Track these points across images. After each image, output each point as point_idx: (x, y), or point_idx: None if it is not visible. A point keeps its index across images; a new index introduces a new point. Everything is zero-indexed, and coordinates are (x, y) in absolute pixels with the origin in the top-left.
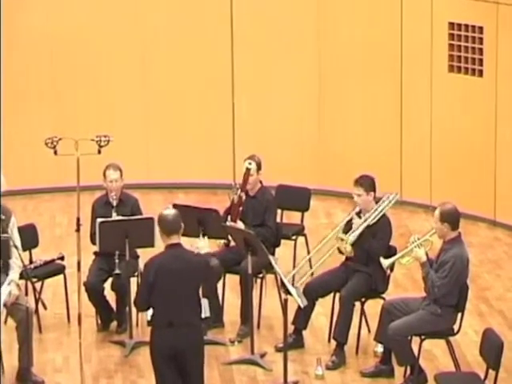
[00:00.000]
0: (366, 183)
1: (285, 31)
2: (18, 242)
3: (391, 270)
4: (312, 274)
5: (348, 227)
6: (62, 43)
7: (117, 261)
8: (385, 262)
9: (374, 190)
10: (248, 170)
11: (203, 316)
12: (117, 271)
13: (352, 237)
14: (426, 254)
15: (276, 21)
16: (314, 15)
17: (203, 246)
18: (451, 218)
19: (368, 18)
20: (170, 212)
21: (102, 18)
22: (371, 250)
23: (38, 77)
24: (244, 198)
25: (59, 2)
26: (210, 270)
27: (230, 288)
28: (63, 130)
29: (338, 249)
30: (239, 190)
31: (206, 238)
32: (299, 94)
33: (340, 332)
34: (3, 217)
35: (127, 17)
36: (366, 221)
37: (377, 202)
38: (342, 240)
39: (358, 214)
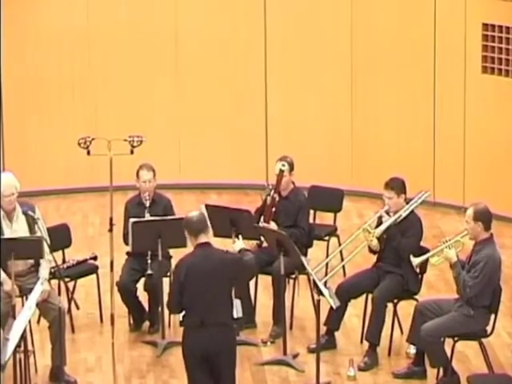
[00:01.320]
0: (397, 186)
1: (318, 30)
2: (46, 235)
3: (423, 271)
4: (344, 271)
5: (378, 224)
6: (96, 43)
7: (149, 261)
8: (414, 260)
9: (405, 192)
10: (281, 171)
11: (236, 316)
12: (149, 271)
13: (379, 230)
14: (457, 256)
15: (309, 21)
16: (348, 16)
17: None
18: (484, 217)
19: (401, 20)
20: (194, 213)
21: (136, 18)
22: (400, 247)
23: (71, 76)
24: (277, 199)
25: (94, 1)
26: (243, 266)
27: (262, 288)
28: (96, 130)
29: (369, 247)
30: (272, 191)
31: (240, 237)
32: (332, 95)
33: (372, 333)
34: (35, 215)
35: (160, 17)
36: (393, 217)
37: (408, 203)
38: (369, 233)
39: (388, 213)
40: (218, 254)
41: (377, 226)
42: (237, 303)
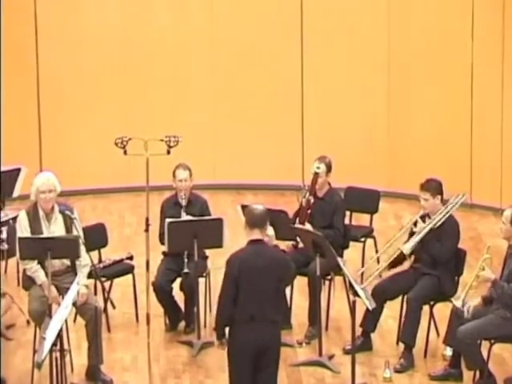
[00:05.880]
0: (432, 187)
1: (355, 31)
2: (81, 237)
3: (460, 273)
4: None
5: (411, 233)
6: (133, 43)
7: (186, 260)
8: (457, 302)
9: (441, 194)
10: (316, 174)
11: None
12: (186, 270)
13: (406, 249)
14: None
15: (346, 21)
16: (385, 17)
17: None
18: None
19: (439, 20)
20: (259, 207)
21: (173, 18)
22: (435, 254)
23: (108, 77)
24: (312, 201)
25: (133, 4)
26: (291, 268)
27: (298, 290)
28: (133, 130)
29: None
30: (307, 194)
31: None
32: (369, 95)
33: (407, 335)
34: (73, 215)
35: (196, 16)
36: (428, 225)
37: (444, 205)
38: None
39: (422, 218)
40: (269, 252)
41: (410, 235)
42: None
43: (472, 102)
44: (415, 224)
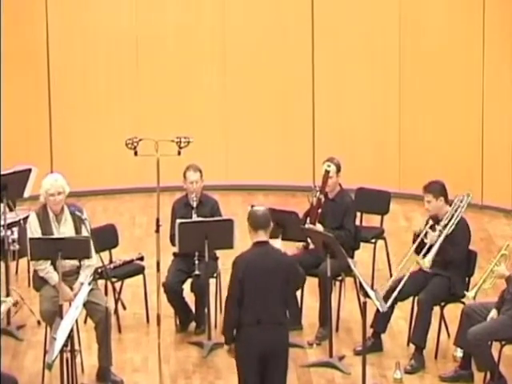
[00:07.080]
0: (435, 189)
1: (366, 33)
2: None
3: (471, 274)
4: (391, 273)
5: (423, 244)
6: (144, 44)
7: (196, 262)
8: (469, 295)
9: (444, 195)
10: (327, 172)
11: None
12: (196, 272)
13: (427, 262)
14: None
15: (357, 24)
16: (396, 19)
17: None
18: None
19: (450, 25)
20: (260, 208)
21: (184, 19)
22: (448, 258)
23: (119, 77)
24: (323, 200)
25: (144, 4)
26: (298, 271)
27: (308, 291)
28: (143, 130)
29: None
30: (318, 193)
31: (280, 240)
32: (380, 96)
33: (418, 336)
34: (84, 216)
35: (208, 17)
36: (442, 234)
37: (450, 205)
38: (418, 263)
39: (432, 227)
40: (275, 254)
41: (423, 245)
42: None
43: (483, 104)
44: (426, 235)
